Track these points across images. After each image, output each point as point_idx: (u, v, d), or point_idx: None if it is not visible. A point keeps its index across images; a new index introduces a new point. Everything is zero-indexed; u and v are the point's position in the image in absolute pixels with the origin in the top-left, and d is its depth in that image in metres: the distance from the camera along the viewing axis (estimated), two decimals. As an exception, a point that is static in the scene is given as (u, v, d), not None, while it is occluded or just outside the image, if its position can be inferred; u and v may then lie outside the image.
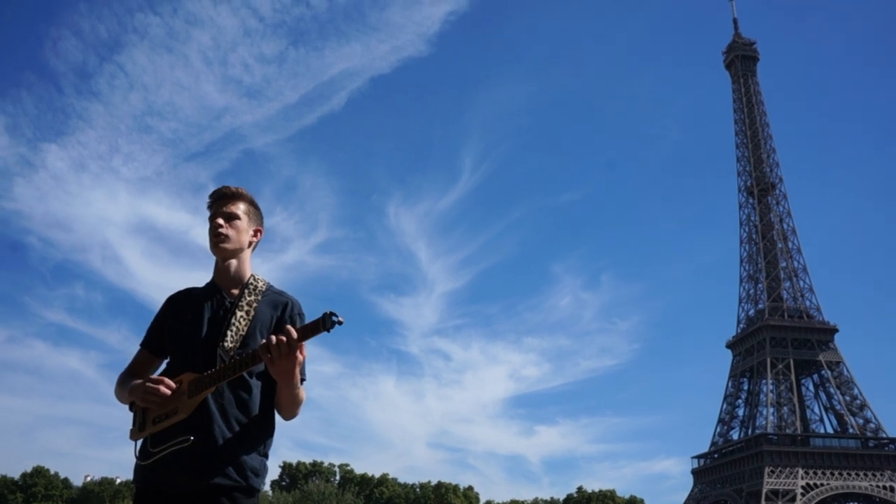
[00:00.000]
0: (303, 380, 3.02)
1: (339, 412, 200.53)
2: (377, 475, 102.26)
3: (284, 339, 2.74)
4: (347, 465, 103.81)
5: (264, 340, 2.79)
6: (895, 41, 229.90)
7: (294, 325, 2.98)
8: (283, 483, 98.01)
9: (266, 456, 3.10)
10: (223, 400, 2.97)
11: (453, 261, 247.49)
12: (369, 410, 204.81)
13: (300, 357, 2.81)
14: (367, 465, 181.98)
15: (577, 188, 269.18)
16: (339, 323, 2.60)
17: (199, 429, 2.89)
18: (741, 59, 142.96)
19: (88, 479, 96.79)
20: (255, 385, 3.06)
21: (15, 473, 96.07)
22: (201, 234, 3.33)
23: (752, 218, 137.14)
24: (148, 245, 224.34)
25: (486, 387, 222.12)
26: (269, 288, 3.24)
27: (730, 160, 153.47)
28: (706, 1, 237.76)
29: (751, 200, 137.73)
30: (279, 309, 3.18)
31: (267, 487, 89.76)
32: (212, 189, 3.34)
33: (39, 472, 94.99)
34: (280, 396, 3.03)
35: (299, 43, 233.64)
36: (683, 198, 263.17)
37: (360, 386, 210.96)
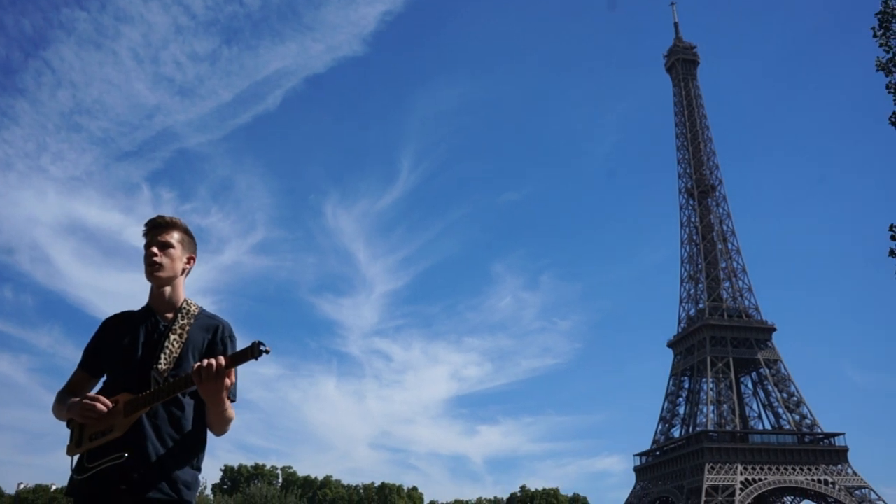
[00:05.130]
0: (232, 400, 3.27)
1: (280, 414, 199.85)
2: (320, 477, 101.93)
3: (214, 364, 3.01)
4: (290, 467, 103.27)
5: (197, 365, 3.04)
6: (831, 44, 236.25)
7: (224, 347, 3.38)
8: (225, 486, 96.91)
9: (199, 469, 3.33)
10: (157, 419, 3.21)
11: (393, 261, 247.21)
12: (310, 412, 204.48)
13: (228, 381, 3.08)
14: (310, 467, 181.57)
15: (517, 188, 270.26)
16: (266, 352, 2.88)
17: (133, 446, 3.12)
18: (682, 62, 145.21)
19: (22, 486, 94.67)
20: (188, 403, 3.31)
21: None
22: (135, 235, 3.53)
23: (693, 219, 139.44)
24: (79, 246, 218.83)
25: (428, 387, 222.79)
26: (202, 312, 3.50)
27: (671, 163, 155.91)
28: (647, 6, 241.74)
29: (691, 202, 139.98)
30: (210, 332, 3.43)
31: (209, 491, 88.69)
32: (145, 191, 3.43)
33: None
34: (209, 415, 3.28)
35: (232, 41, 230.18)
36: (625, 199, 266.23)
37: (301, 388, 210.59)
